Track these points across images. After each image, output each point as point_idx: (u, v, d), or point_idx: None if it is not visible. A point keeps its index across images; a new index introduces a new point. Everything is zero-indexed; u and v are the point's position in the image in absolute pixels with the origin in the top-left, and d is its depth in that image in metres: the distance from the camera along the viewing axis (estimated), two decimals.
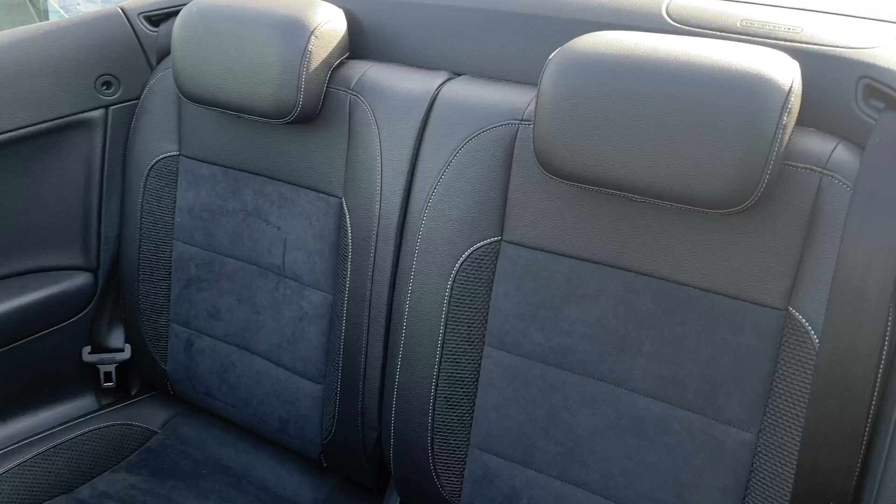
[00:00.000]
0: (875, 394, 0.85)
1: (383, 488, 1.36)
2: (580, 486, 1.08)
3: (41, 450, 1.38)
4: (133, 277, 1.49)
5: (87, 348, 1.54)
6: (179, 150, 1.43)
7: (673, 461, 1.01)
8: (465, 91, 1.16)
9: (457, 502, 1.19)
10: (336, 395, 1.29)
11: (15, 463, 1.34)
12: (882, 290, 0.83)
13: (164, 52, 1.46)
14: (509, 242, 1.10)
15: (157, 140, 1.43)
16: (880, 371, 0.85)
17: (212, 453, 1.48)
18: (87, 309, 1.53)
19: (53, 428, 1.46)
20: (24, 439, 1.42)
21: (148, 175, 1.44)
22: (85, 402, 1.57)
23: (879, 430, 0.86)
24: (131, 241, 1.47)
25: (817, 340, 0.89)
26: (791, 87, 0.85)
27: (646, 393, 1.02)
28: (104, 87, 1.43)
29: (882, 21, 1.03)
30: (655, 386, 1.01)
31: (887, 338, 0.84)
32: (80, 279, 1.50)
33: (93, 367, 1.56)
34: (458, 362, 1.15)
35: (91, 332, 1.54)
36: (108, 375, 1.56)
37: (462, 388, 1.16)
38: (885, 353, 0.84)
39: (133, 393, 1.64)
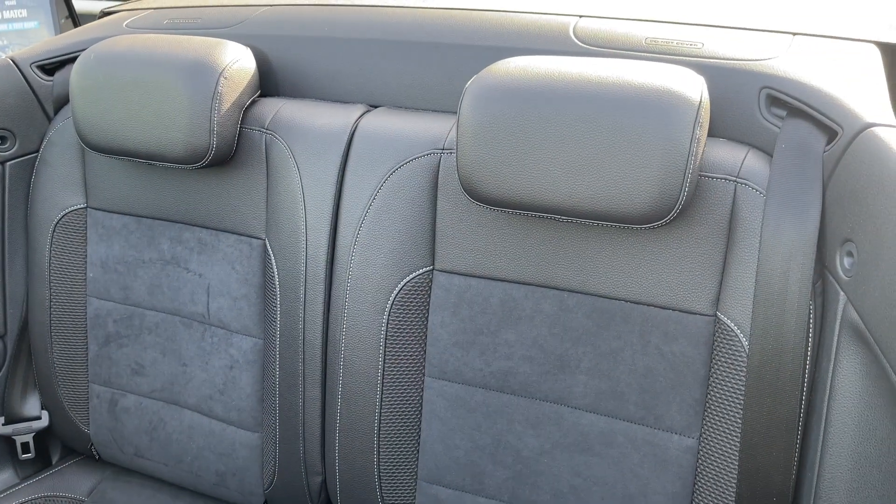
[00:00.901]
0: (804, 388, 0.89)
1: None
2: None
3: None
4: (45, 340, 1.40)
5: (0, 420, 1.44)
6: (86, 203, 1.36)
7: (620, 474, 1.02)
8: (383, 123, 1.16)
9: None
10: (275, 443, 1.24)
11: None
12: (802, 289, 0.87)
13: (62, 102, 1.39)
14: (441, 271, 1.10)
15: (60, 193, 1.36)
16: (807, 366, 0.88)
17: None
18: None
19: None
20: None
21: (54, 231, 1.36)
22: (3, 477, 1.46)
23: (812, 424, 0.89)
24: (40, 302, 1.39)
25: (746, 343, 0.92)
26: (700, 101, 0.88)
27: (588, 408, 1.04)
28: None
29: (778, 32, 1.08)
30: (597, 401, 1.03)
31: (811, 334, 0.88)
32: None
33: (8, 439, 1.46)
34: (399, 396, 1.13)
35: (3, 402, 1.44)
36: (25, 446, 1.46)
37: (406, 421, 1.14)
38: (810, 348, 0.88)
39: (54, 461, 1.54)
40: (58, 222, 1.36)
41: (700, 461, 0.98)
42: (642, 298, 0.99)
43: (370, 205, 1.11)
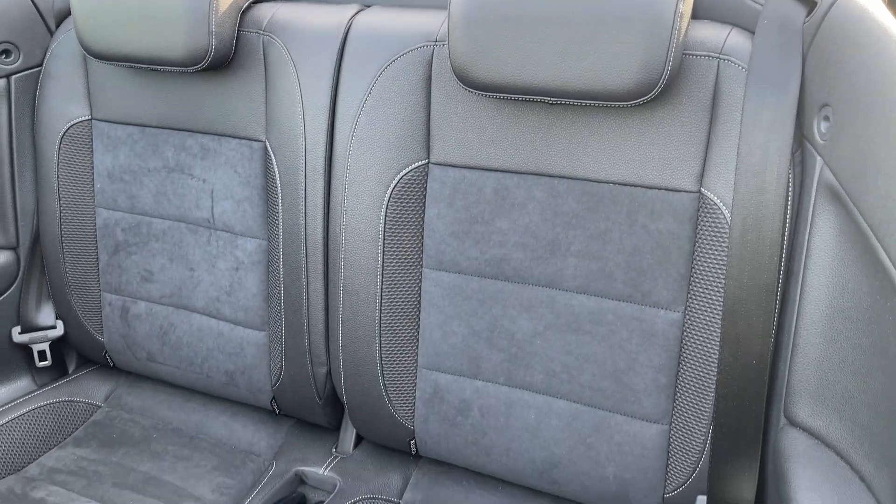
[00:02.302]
0: (783, 255, 0.92)
1: (338, 426, 1.39)
2: (526, 388, 1.14)
3: None
4: (56, 251, 1.45)
5: (17, 329, 1.50)
6: (91, 114, 1.40)
7: (610, 350, 1.07)
8: (377, 19, 1.18)
9: (410, 423, 1.23)
10: (281, 339, 1.30)
11: None
12: (781, 158, 0.90)
13: (63, 15, 1.41)
14: (437, 164, 1.13)
15: (66, 105, 1.39)
16: (786, 233, 0.92)
17: (161, 418, 1.47)
18: (12, 288, 1.48)
19: None
20: None
21: (60, 143, 1.40)
22: (21, 384, 1.53)
23: (790, 289, 0.93)
24: (50, 214, 1.43)
25: (729, 215, 0.96)
26: None
27: (578, 290, 1.08)
28: (3, 56, 1.38)
29: None
30: (587, 282, 1.07)
31: (790, 202, 0.92)
32: (0, 258, 1.46)
33: (25, 348, 1.52)
34: (398, 287, 1.18)
35: (19, 312, 1.50)
36: (42, 354, 1.52)
37: (405, 311, 1.19)
38: (788, 216, 0.92)
39: (71, 370, 1.60)
40: (64, 134, 1.40)
41: (685, 333, 1.02)
42: (629, 180, 1.02)
43: (366, 99, 1.14)
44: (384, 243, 1.16)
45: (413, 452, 1.26)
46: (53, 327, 1.52)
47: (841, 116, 0.81)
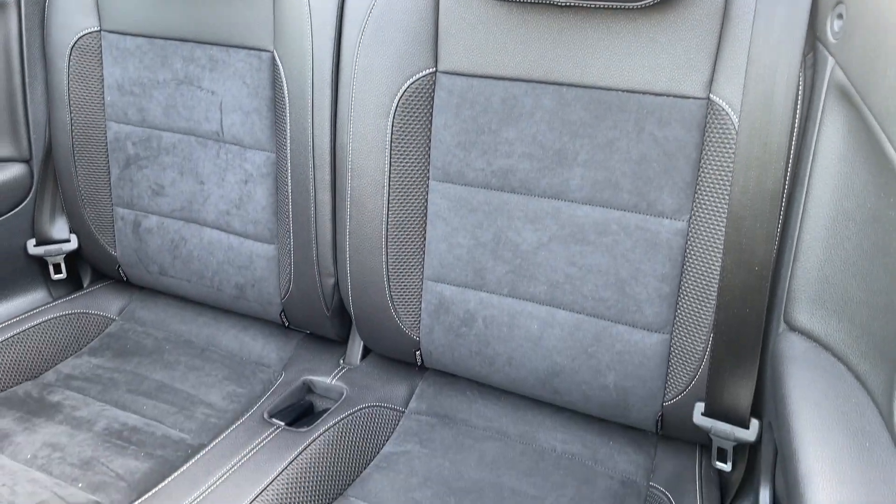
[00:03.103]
0: (790, 159, 0.92)
1: (345, 339, 1.41)
2: (530, 299, 1.15)
3: (1, 339, 1.38)
4: (69, 164, 1.46)
5: (32, 241, 1.52)
6: (100, 25, 1.39)
7: (613, 260, 1.07)
8: None
9: (416, 334, 1.25)
10: (290, 251, 1.31)
11: None
12: (792, 61, 0.89)
13: None
14: (444, 72, 1.12)
15: (74, 16, 1.39)
16: (794, 137, 0.91)
17: (173, 331, 1.50)
18: (26, 201, 1.50)
19: (9, 320, 1.45)
20: None
21: (70, 54, 1.40)
22: (37, 296, 1.56)
23: (795, 194, 0.93)
24: (62, 126, 1.44)
25: (737, 121, 0.95)
26: None
27: (584, 201, 1.08)
28: None
29: None
30: (592, 192, 1.07)
31: (799, 105, 0.90)
32: (13, 170, 1.47)
33: (40, 261, 1.55)
34: (405, 198, 1.18)
35: (33, 225, 1.52)
36: (56, 267, 1.55)
37: (411, 223, 1.20)
38: (797, 119, 0.91)
39: (85, 284, 1.64)
40: (74, 46, 1.39)
41: (689, 242, 1.02)
42: (638, 87, 1.01)
43: (373, 6, 1.13)
44: (391, 154, 1.16)
45: (418, 364, 1.29)
46: (68, 241, 1.55)
47: (854, 11, 0.79)
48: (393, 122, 1.15)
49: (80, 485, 1.10)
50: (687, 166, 1.00)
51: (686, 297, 1.04)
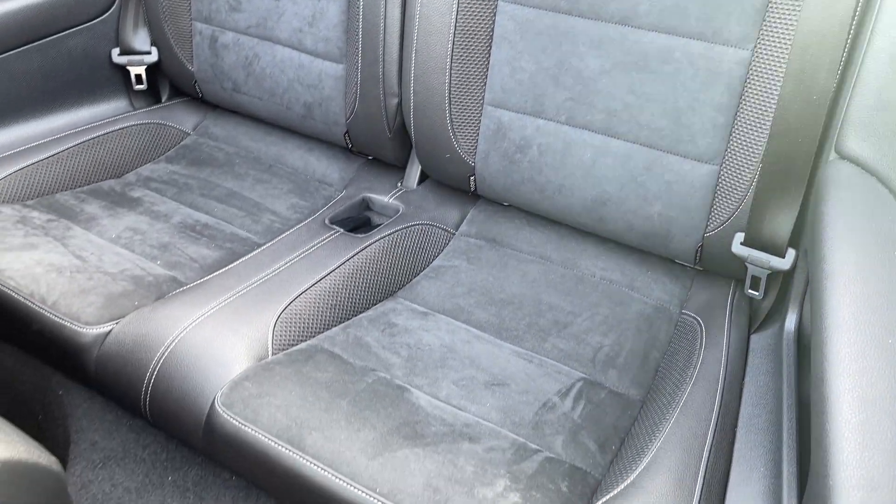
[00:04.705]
0: None
1: (404, 165, 1.48)
2: (586, 127, 1.18)
3: (86, 139, 1.49)
4: None
5: (116, 50, 1.60)
6: None
7: (673, 89, 1.09)
8: None
9: (472, 160, 1.30)
10: (357, 69, 1.36)
11: (64, 147, 1.45)
12: None
13: None
14: None
15: None
16: None
17: (243, 147, 1.59)
18: (111, 9, 1.57)
19: (94, 123, 1.56)
20: (68, 132, 1.52)
21: None
22: (119, 104, 1.66)
23: (865, 20, 0.92)
24: None
25: None
26: None
27: (651, 27, 1.08)
28: None
29: None
30: (660, 18, 1.07)
31: None
32: None
33: (124, 70, 1.63)
34: (473, 18, 1.20)
35: (118, 34, 1.60)
36: (138, 78, 1.63)
37: (477, 44, 1.22)
38: None
39: (163, 99, 1.72)
40: None
41: (751, 71, 1.03)
42: None
43: None
44: None
45: (472, 189, 1.34)
46: (149, 53, 1.62)
47: None
48: None
49: (158, 262, 1.21)
50: None
51: (740, 128, 1.05)
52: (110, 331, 1.05)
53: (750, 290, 1.11)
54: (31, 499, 0.70)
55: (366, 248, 1.23)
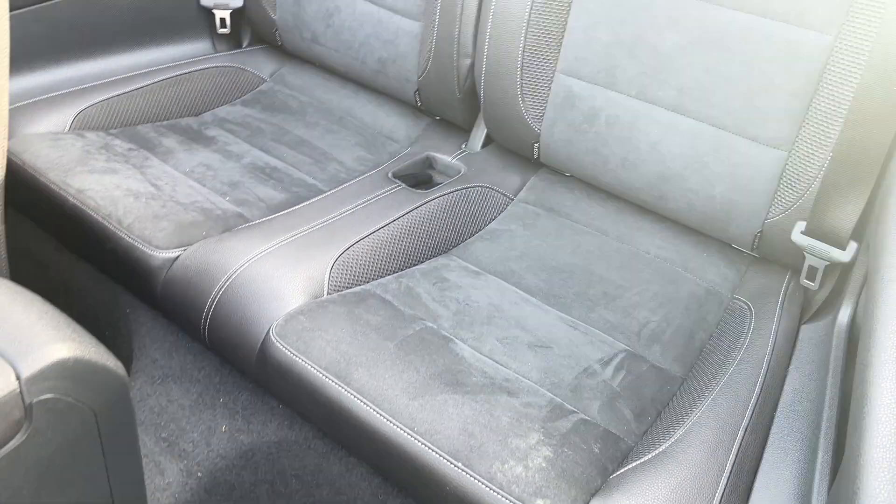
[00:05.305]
0: None
1: (471, 128, 1.49)
2: (655, 103, 1.17)
3: (169, 76, 1.55)
4: None
5: None
6: None
7: (749, 70, 1.07)
8: None
9: (538, 126, 1.31)
10: (434, 28, 1.38)
11: (148, 83, 1.52)
12: None
13: None
14: None
15: None
16: None
17: (316, 97, 1.63)
18: None
19: (177, 62, 1.62)
20: (153, 68, 1.58)
21: None
22: (202, 46, 1.72)
23: None
24: None
25: None
26: None
27: (733, 6, 1.07)
28: None
29: None
30: None
31: None
32: None
33: (209, 13, 1.69)
34: None
35: None
36: (222, 22, 1.68)
37: (555, 10, 1.22)
38: None
39: (244, 45, 1.78)
40: None
41: (831, 56, 1.01)
42: None
43: None
44: None
45: (535, 156, 1.35)
46: None
47: None
48: None
49: (227, 198, 1.27)
50: None
51: (814, 114, 1.04)
52: (178, 256, 1.11)
53: (805, 280, 1.10)
54: (97, 396, 0.75)
55: (425, 204, 1.26)
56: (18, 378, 0.67)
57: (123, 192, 1.20)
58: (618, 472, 0.85)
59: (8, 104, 0.84)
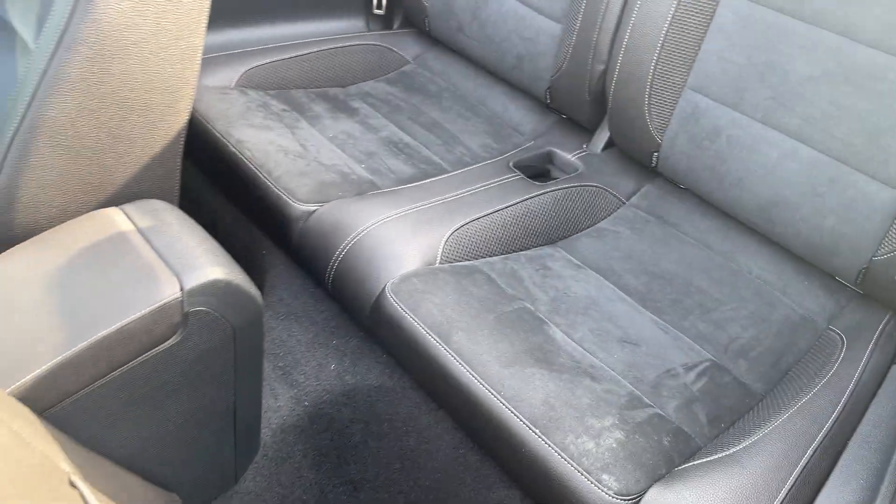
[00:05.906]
0: None
1: (595, 129, 1.56)
2: (779, 129, 1.20)
3: (324, 48, 1.70)
4: None
5: None
6: None
7: (878, 108, 1.09)
8: None
9: (660, 137, 1.36)
10: (574, 31, 1.45)
11: (304, 52, 1.67)
12: None
13: None
14: None
15: None
16: None
17: (454, 83, 1.74)
18: None
19: (332, 35, 1.77)
20: (310, 39, 1.74)
21: None
22: (357, 23, 1.86)
23: None
24: None
25: None
26: None
27: (870, 43, 1.09)
28: None
29: None
30: (882, 36, 1.07)
31: None
32: None
33: None
34: (696, 3, 1.25)
35: None
36: (378, 3, 1.82)
37: (693, 29, 1.27)
38: None
39: (395, 26, 1.91)
40: None
41: None
42: None
43: None
44: None
45: (653, 165, 1.41)
46: None
47: None
48: None
49: (362, 165, 1.40)
50: None
51: None
52: (315, 210, 1.25)
53: None
54: (238, 316, 0.89)
55: (540, 195, 1.35)
56: (182, 289, 0.82)
57: (276, 148, 1.35)
58: (682, 466, 0.91)
59: (201, 56, 1.00)
